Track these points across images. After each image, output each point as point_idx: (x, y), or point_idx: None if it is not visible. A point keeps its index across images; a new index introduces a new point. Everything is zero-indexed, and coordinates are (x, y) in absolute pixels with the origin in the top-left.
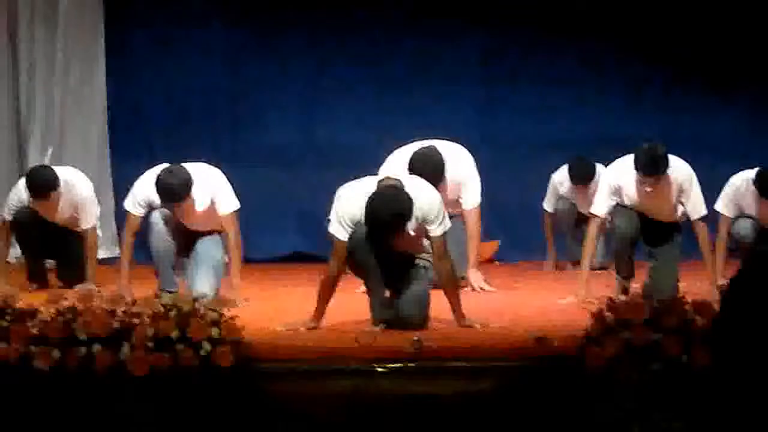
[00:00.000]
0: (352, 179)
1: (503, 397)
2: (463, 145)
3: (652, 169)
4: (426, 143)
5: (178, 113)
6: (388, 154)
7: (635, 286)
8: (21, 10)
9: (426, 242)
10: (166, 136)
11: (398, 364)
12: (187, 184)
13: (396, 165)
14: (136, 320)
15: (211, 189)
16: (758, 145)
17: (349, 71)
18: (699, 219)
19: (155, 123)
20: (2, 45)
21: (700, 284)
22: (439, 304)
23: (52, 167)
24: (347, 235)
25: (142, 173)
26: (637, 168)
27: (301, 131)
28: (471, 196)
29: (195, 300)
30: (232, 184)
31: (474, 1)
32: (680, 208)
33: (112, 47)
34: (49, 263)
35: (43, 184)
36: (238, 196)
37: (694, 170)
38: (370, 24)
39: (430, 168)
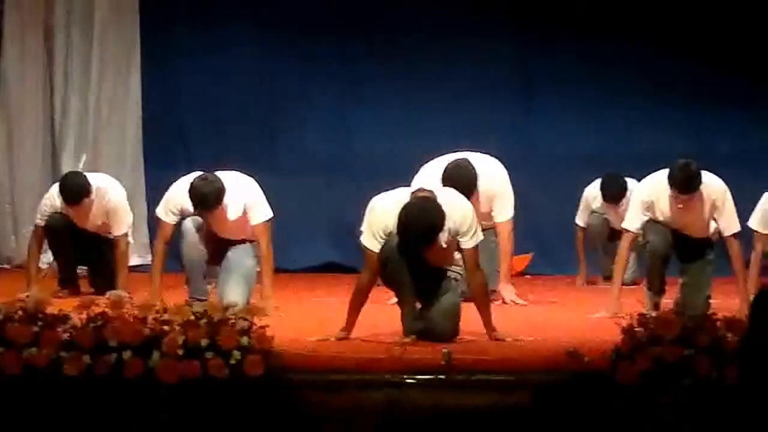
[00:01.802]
0: (386, 190)
1: (533, 412)
2: (496, 158)
3: (685, 186)
4: (459, 155)
5: (213, 122)
6: (422, 166)
7: (667, 302)
8: (57, 19)
9: (458, 255)
10: (201, 145)
11: (429, 377)
12: (220, 192)
13: (429, 177)
14: (166, 328)
15: (245, 198)
16: None
17: (385, 82)
18: (732, 235)
19: (190, 131)
20: (38, 52)
21: (733, 301)
22: (470, 316)
23: (85, 174)
24: (379, 246)
25: (176, 181)
26: (670, 185)
27: (335, 142)
28: (504, 209)
29: (226, 309)
30: (265, 193)
31: (511, 15)
32: (713, 225)
33: (147, 55)
34: (81, 269)
35: (76, 190)
36: (271, 205)
37: (729, 186)
38: (406, 34)
39: (463, 180)
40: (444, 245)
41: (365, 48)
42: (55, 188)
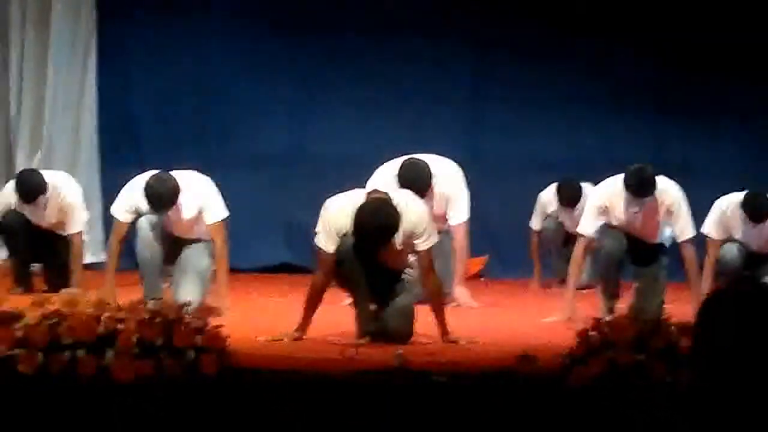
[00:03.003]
0: (340, 191)
1: (485, 414)
2: (454, 161)
3: (640, 190)
4: (416, 156)
5: (169, 120)
6: (378, 167)
7: (621, 306)
8: (12, 15)
9: (412, 257)
10: (156, 143)
11: (381, 377)
12: (175, 191)
13: (384, 178)
14: (120, 326)
15: (200, 197)
16: (748, 167)
17: (340, 83)
18: (687, 241)
19: (145, 130)
20: None
21: (687, 307)
22: (424, 319)
23: (41, 171)
24: (334, 247)
25: (131, 180)
26: (626, 189)
27: (291, 142)
28: (459, 211)
29: (180, 307)
30: (221, 192)
31: (464, 21)
32: (667, 231)
33: (103, 54)
34: (36, 267)
35: (31, 188)
36: (227, 204)
37: (686, 190)
38: (361, 37)
39: (417, 178)
40: (399, 247)
41: (319, 48)
42: (10, 185)
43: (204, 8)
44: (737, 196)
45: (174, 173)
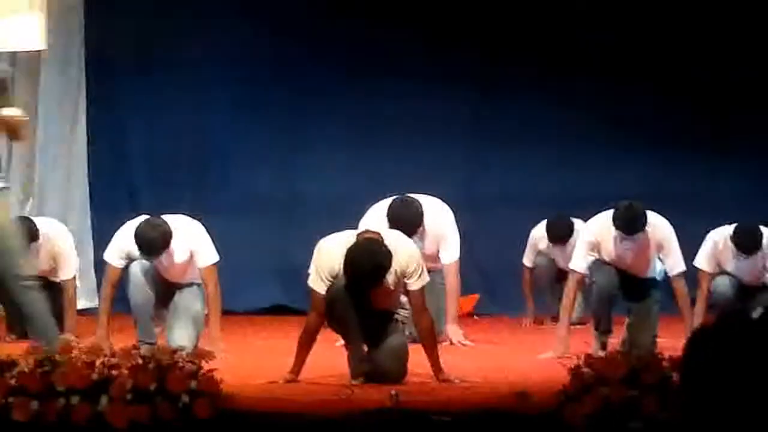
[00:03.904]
0: (333, 232)
1: None
2: (443, 200)
3: (629, 228)
4: (406, 195)
5: (159, 166)
6: (369, 207)
7: (614, 341)
8: (1, 63)
9: (404, 298)
10: (147, 189)
11: (377, 418)
12: (166, 236)
13: (375, 218)
14: (114, 372)
15: (191, 241)
16: (744, 201)
17: (331, 124)
18: (678, 275)
19: (136, 175)
20: None
21: (680, 340)
22: (417, 358)
23: (32, 219)
24: (326, 288)
25: (122, 225)
26: (615, 226)
27: (282, 184)
28: (450, 250)
29: (174, 352)
30: (212, 236)
31: (458, 57)
32: (659, 266)
33: (93, 100)
34: None
35: (22, 236)
36: (218, 248)
37: (674, 226)
38: (354, 77)
39: (408, 216)
40: (391, 287)
41: (312, 91)
42: None
43: (194, 55)
44: (728, 229)
45: (165, 218)
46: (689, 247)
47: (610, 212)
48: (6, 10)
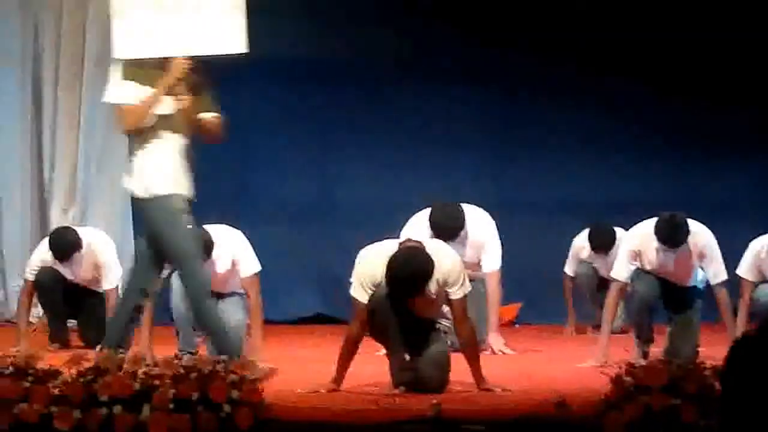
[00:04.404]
0: (373, 241)
1: None
2: (483, 208)
3: (672, 241)
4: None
5: (199, 175)
6: (410, 216)
7: (655, 350)
8: (45, 74)
9: (446, 308)
10: None
11: (418, 427)
12: (208, 246)
13: (417, 227)
14: (156, 382)
15: (233, 251)
16: None
17: (371, 133)
18: (720, 283)
19: None
20: (27, 107)
21: (721, 349)
22: (459, 367)
23: (75, 228)
24: (368, 297)
25: None
26: (657, 238)
27: (323, 193)
28: (491, 259)
29: (215, 361)
30: (253, 245)
31: (494, 64)
32: (700, 274)
33: None
34: (71, 323)
35: (65, 245)
36: (260, 257)
37: (716, 235)
38: (389, 84)
39: (448, 220)
40: (433, 296)
41: (350, 98)
42: (45, 243)
43: (227, 63)
44: None
45: (206, 227)
46: (731, 255)
47: (651, 221)
48: (206, 13)
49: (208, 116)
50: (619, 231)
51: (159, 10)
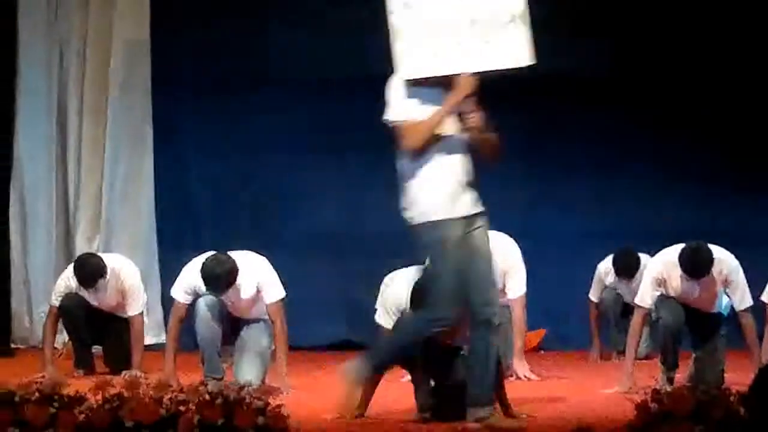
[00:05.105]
0: (398, 268)
1: None
2: (508, 234)
3: (696, 272)
4: None
5: (226, 201)
6: None
7: (680, 376)
8: (70, 101)
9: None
10: (214, 224)
11: None
12: (232, 272)
13: None
14: (182, 408)
15: (257, 277)
16: None
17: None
18: (745, 310)
19: (202, 211)
20: (52, 134)
21: (747, 375)
22: None
23: (100, 255)
24: (393, 324)
25: (189, 261)
26: (682, 269)
27: (348, 220)
28: (516, 285)
29: (241, 388)
30: (278, 271)
31: (519, 92)
32: (725, 300)
33: (159, 135)
34: (96, 349)
35: (90, 272)
36: (285, 284)
37: (740, 261)
38: None
39: None
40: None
41: (376, 126)
42: (70, 269)
43: (257, 90)
44: None
45: (231, 254)
46: (755, 281)
47: (676, 248)
48: (485, 27)
49: (489, 135)
50: (643, 257)
51: (438, 28)
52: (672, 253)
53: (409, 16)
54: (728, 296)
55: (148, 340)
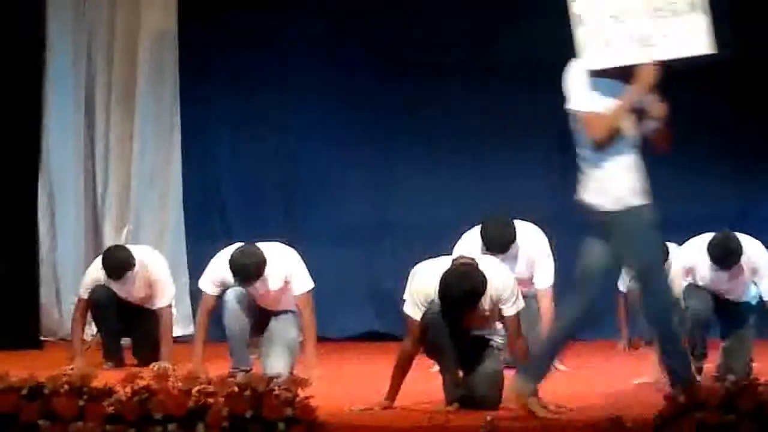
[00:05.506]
0: (425, 258)
1: None
2: (536, 224)
3: (725, 263)
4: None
5: (253, 192)
6: (463, 233)
7: (708, 366)
8: (98, 93)
9: (499, 325)
10: (242, 215)
11: None
12: (261, 264)
13: (470, 244)
14: (210, 399)
15: (286, 269)
16: None
17: (424, 150)
18: None
19: (230, 203)
20: (79, 125)
21: None
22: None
23: (128, 247)
24: (421, 314)
25: (217, 252)
26: (710, 260)
27: (376, 210)
28: (544, 275)
29: (269, 379)
30: (307, 262)
31: (547, 78)
32: (753, 290)
33: (187, 127)
34: (125, 341)
35: (118, 264)
36: (313, 275)
37: (766, 248)
38: (444, 104)
39: (500, 231)
40: (486, 312)
41: (403, 116)
42: (98, 262)
43: (285, 81)
44: None
45: (259, 245)
46: None
47: (704, 237)
48: (671, 15)
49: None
50: (671, 246)
51: (618, 16)
52: (700, 242)
53: (589, 3)
54: (756, 285)
55: (177, 331)
